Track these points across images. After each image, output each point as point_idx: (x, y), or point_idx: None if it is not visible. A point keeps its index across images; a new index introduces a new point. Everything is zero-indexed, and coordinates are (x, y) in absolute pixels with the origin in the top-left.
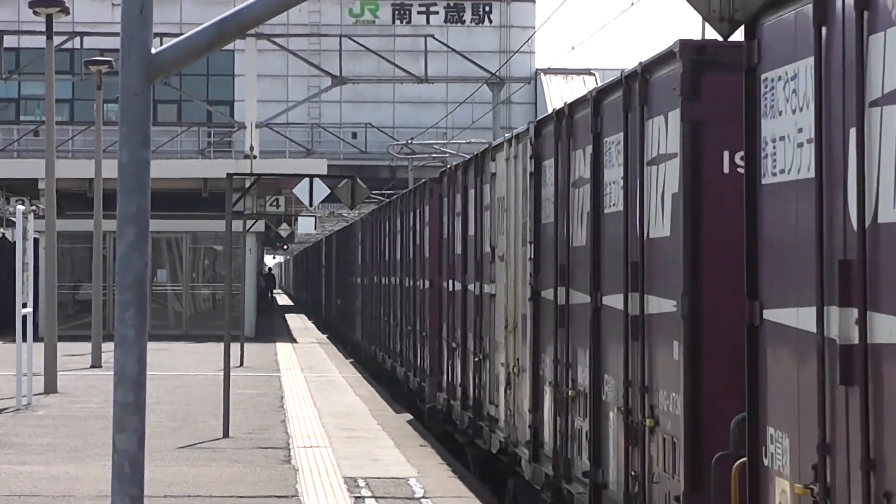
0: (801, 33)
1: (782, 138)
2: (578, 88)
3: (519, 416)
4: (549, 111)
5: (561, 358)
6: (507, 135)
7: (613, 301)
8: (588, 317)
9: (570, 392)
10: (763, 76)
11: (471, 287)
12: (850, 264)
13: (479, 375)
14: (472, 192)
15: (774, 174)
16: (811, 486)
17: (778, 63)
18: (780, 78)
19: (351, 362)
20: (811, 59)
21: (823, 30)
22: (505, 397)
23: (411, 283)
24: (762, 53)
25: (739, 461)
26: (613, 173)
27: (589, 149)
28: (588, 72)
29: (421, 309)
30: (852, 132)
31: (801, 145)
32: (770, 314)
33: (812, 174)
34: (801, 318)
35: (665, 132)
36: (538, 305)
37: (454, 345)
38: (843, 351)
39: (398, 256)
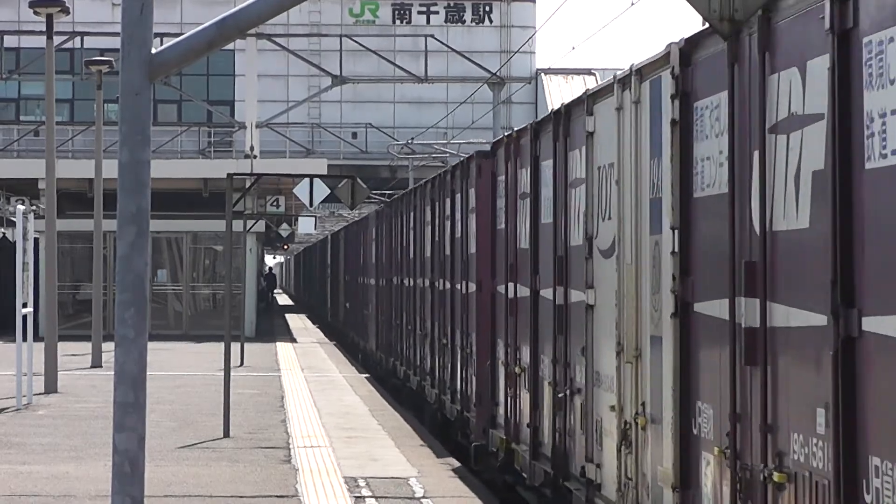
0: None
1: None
2: (579, 88)
3: (646, 489)
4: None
5: (748, 412)
6: (618, 72)
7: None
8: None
9: (770, 472)
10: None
11: (546, 293)
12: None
13: (565, 418)
14: (548, 163)
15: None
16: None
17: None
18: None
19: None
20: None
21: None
22: (619, 458)
23: (447, 285)
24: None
25: None
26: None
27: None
28: (588, 72)
29: (463, 319)
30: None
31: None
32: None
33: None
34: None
35: None
36: (689, 324)
37: (517, 370)
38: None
39: (427, 253)
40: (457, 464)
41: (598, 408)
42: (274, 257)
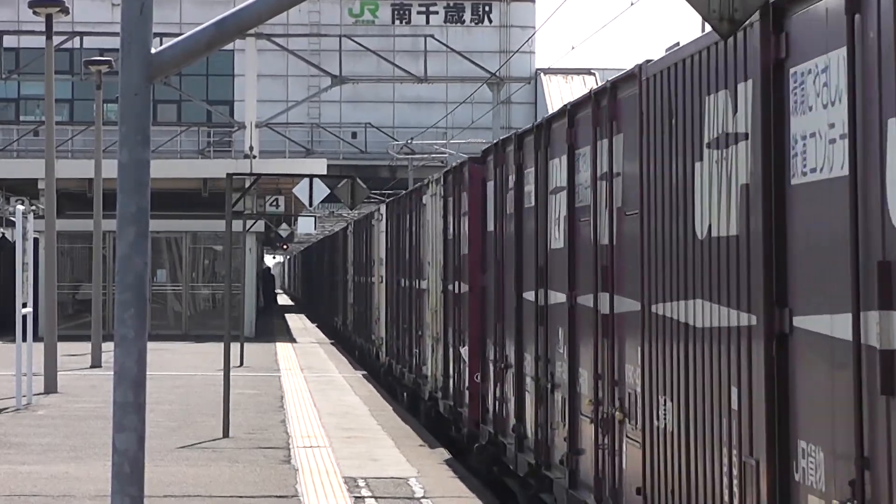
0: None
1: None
2: (578, 88)
3: None
4: (550, 111)
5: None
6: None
7: None
8: None
9: None
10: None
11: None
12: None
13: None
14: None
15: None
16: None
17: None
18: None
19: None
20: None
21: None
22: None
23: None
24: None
25: None
26: None
27: None
28: (588, 72)
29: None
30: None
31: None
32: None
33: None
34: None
35: None
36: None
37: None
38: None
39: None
40: (447, 454)
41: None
42: (273, 257)
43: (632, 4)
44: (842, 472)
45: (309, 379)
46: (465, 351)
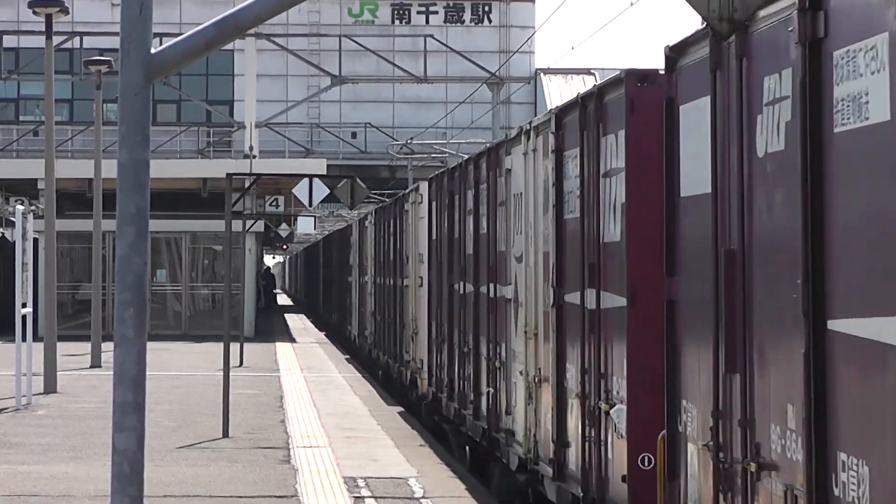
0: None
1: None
2: (578, 88)
3: None
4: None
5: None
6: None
7: None
8: None
9: None
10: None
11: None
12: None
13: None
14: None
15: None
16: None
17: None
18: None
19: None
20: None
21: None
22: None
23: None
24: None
25: None
26: None
27: None
28: (588, 71)
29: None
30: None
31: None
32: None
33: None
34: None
35: None
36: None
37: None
38: None
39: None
40: (447, 454)
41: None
42: (273, 257)
43: (632, 4)
44: None
45: (308, 379)
46: (619, 412)
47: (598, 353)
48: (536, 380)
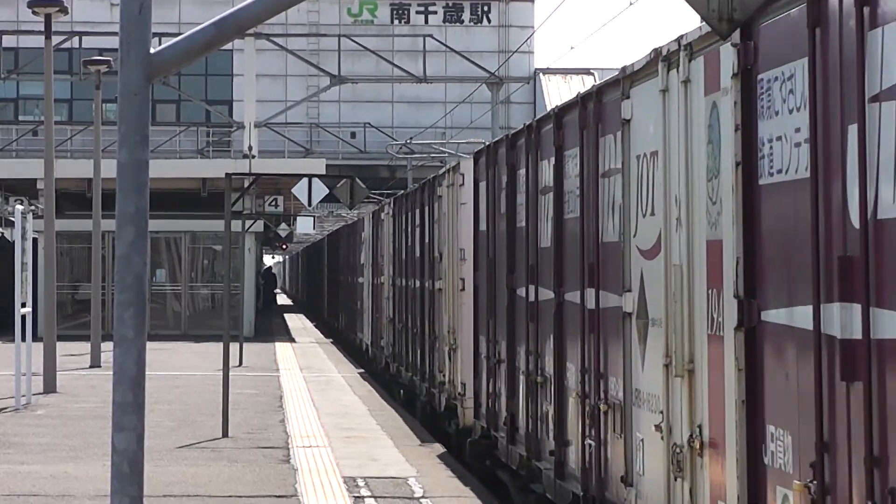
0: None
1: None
2: (577, 88)
3: None
4: (548, 111)
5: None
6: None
7: None
8: None
9: None
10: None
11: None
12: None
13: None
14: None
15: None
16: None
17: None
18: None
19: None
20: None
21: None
22: None
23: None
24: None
25: None
26: None
27: None
28: (587, 71)
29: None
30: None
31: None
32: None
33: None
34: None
35: None
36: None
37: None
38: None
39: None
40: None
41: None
42: (273, 257)
43: (631, 4)
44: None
45: (308, 379)
46: None
47: (856, 407)
48: (695, 444)
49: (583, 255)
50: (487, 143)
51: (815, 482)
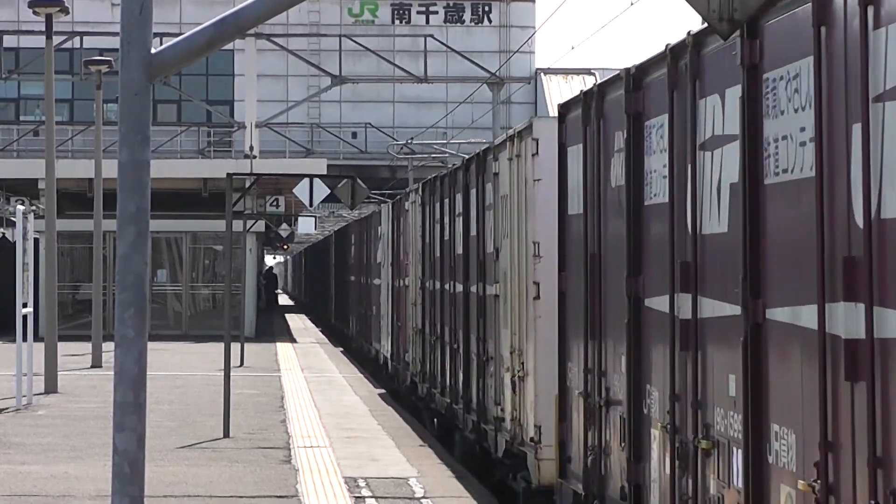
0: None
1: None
2: (578, 88)
3: None
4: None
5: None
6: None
7: None
8: None
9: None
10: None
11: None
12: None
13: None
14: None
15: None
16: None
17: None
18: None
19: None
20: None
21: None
22: None
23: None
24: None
25: None
26: None
27: None
28: (588, 71)
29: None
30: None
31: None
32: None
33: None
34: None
35: None
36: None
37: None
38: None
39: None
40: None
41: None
42: (274, 258)
43: (632, 4)
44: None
45: (309, 379)
46: None
47: None
48: None
49: (822, 247)
50: (584, 90)
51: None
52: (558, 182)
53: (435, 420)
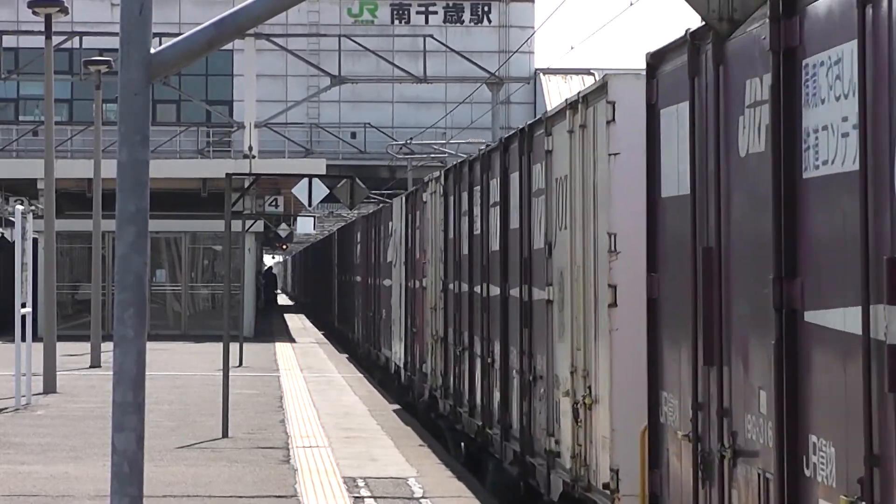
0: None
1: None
2: (578, 88)
3: None
4: (547, 111)
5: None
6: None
7: None
8: None
9: None
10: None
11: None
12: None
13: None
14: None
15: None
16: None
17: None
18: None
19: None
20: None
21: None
22: None
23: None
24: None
25: None
26: None
27: None
28: (587, 71)
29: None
30: None
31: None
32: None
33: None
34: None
35: None
36: None
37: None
38: None
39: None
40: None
41: None
42: (273, 258)
43: (631, 4)
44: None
45: (308, 379)
46: None
47: None
48: None
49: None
50: (689, 29)
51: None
52: (647, 156)
53: (463, 445)
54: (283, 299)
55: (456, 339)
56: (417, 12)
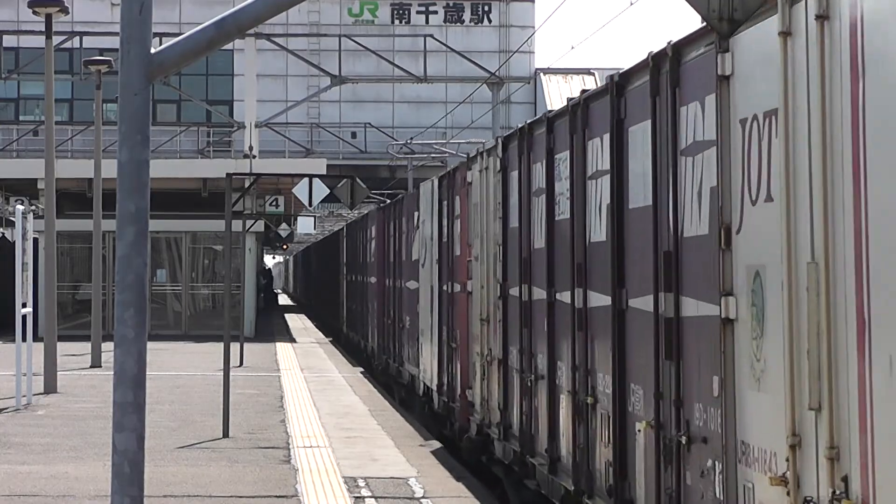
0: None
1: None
2: (578, 88)
3: None
4: (547, 110)
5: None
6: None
7: None
8: None
9: None
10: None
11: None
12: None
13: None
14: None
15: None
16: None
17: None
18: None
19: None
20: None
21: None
22: None
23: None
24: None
25: None
26: None
27: None
28: (588, 71)
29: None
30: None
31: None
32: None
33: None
34: None
35: None
36: None
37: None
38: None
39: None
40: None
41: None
42: (273, 257)
43: (631, 4)
44: None
45: (309, 379)
46: None
47: None
48: None
49: None
50: None
51: None
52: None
53: None
54: (283, 299)
55: (523, 364)
56: (418, 12)
